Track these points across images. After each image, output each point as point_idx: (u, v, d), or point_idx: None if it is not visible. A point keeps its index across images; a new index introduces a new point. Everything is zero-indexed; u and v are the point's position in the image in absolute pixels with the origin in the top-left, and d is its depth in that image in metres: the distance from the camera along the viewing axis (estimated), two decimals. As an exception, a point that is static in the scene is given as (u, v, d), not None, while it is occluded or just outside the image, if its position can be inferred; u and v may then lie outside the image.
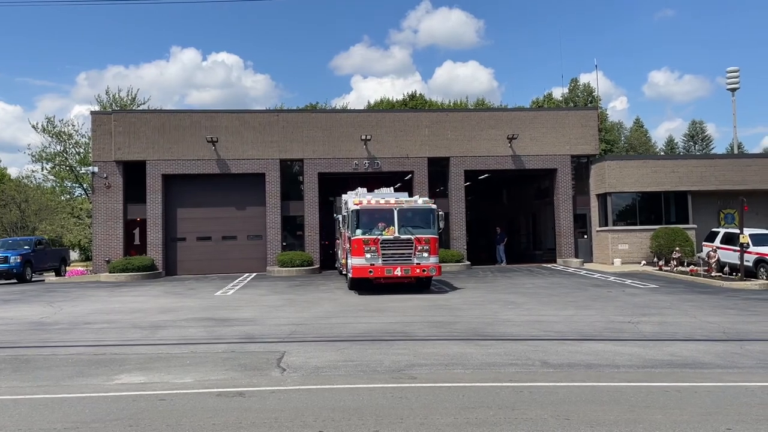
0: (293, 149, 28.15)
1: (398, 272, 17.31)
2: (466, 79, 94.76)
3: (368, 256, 17.33)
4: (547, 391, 7.37)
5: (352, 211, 17.86)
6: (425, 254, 17.48)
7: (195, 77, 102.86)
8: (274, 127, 28.20)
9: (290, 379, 8.18)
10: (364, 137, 27.69)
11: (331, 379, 8.09)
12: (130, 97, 44.96)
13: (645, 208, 28.53)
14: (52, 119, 43.36)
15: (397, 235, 17.44)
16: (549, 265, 28.43)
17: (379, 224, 17.60)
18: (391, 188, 22.65)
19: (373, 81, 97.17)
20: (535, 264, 29.80)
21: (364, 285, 18.44)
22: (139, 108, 43.53)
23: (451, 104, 54.02)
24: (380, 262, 17.33)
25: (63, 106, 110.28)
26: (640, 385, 7.75)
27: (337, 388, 7.64)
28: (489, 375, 8.27)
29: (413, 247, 17.42)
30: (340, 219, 21.08)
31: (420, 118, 29.28)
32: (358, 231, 17.60)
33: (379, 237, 17.41)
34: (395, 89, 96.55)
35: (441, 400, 7.04)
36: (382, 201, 18.15)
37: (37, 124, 43.69)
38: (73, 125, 44.00)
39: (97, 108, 42.19)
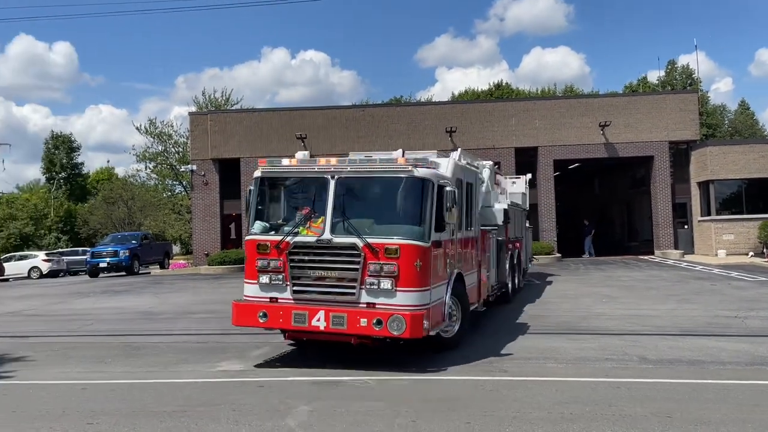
0: (378, 144, 28.42)
1: (320, 322, 8.04)
2: (555, 65, 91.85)
3: (264, 279, 8.47)
4: (647, 388, 7.09)
5: (253, 181, 9.11)
6: (387, 283, 7.92)
7: (284, 76, 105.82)
8: (360, 123, 28.62)
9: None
10: (449, 129, 27.56)
11: (421, 371, 8.13)
12: (224, 98, 46.98)
13: (752, 196, 26.66)
14: (153, 121, 46.05)
15: (326, 235, 8.21)
16: (646, 257, 27.22)
17: (301, 210, 8.68)
18: (400, 150, 10.26)
19: (458, 72, 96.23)
20: (631, 256, 28.62)
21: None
22: (232, 108, 45.37)
23: (539, 92, 52.67)
24: (289, 294, 8.36)
25: (163, 108, 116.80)
26: (748, 383, 7.30)
27: (429, 379, 7.70)
28: (583, 370, 8.06)
29: (360, 266, 8.03)
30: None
31: (506, 107, 28.81)
32: (256, 225, 8.87)
33: (287, 240, 8.39)
34: (481, 79, 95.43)
35: (533, 394, 6.93)
36: (319, 161, 8.82)
37: (140, 125, 46.53)
38: (172, 126, 46.54)
39: (194, 109, 44.32)
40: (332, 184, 8.37)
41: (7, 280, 31.44)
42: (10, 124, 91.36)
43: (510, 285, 14.45)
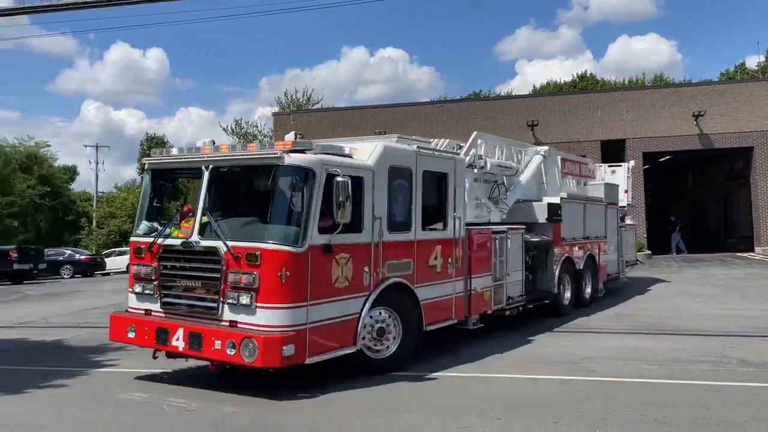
0: (457, 139, 28.18)
1: (179, 341, 6.91)
2: (643, 53, 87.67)
3: (138, 288, 7.55)
4: (747, 392, 6.69)
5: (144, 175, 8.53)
6: (246, 298, 6.60)
7: (363, 74, 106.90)
8: (439, 118, 28.54)
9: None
10: (530, 123, 26.99)
11: (503, 369, 8.04)
12: (305, 97, 48.04)
13: None
14: (239, 121, 47.77)
15: (193, 237, 7.09)
16: (745, 255, 25.63)
17: (182, 208, 7.85)
18: (292, 133, 7.71)
19: (538, 64, 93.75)
20: (727, 253, 27.02)
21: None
22: (313, 107, 46.35)
23: (626, 83, 50.57)
24: (159, 306, 7.35)
25: (248, 109, 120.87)
26: None
27: (513, 377, 7.60)
28: (676, 371, 7.69)
29: (221, 275, 6.80)
30: None
31: (591, 99, 27.95)
32: (142, 225, 7.92)
33: (158, 242, 7.40)
34: (563, 71, 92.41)
35: (623, 395, 6.70)
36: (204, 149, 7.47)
37: (227, 126, 48.37)
38: (256, 126, 48.05)
39: (277, 109, 45.59)
40: (206, 175, 7.17)
41: (108, 273, 33.59)
42: (108, 128, 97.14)
43: (568, 294, 12.18)
